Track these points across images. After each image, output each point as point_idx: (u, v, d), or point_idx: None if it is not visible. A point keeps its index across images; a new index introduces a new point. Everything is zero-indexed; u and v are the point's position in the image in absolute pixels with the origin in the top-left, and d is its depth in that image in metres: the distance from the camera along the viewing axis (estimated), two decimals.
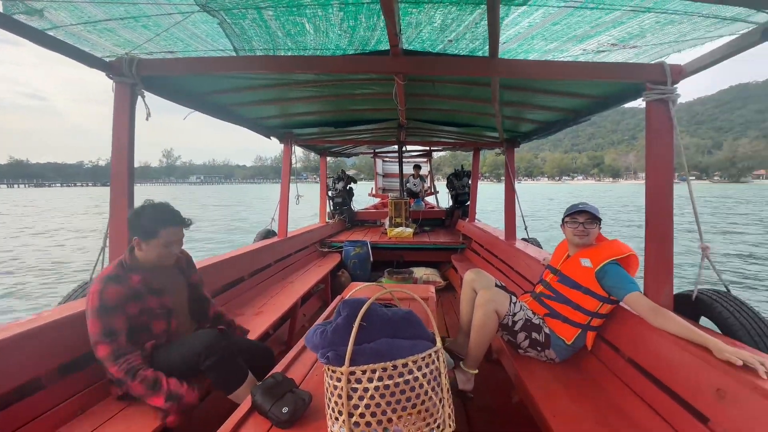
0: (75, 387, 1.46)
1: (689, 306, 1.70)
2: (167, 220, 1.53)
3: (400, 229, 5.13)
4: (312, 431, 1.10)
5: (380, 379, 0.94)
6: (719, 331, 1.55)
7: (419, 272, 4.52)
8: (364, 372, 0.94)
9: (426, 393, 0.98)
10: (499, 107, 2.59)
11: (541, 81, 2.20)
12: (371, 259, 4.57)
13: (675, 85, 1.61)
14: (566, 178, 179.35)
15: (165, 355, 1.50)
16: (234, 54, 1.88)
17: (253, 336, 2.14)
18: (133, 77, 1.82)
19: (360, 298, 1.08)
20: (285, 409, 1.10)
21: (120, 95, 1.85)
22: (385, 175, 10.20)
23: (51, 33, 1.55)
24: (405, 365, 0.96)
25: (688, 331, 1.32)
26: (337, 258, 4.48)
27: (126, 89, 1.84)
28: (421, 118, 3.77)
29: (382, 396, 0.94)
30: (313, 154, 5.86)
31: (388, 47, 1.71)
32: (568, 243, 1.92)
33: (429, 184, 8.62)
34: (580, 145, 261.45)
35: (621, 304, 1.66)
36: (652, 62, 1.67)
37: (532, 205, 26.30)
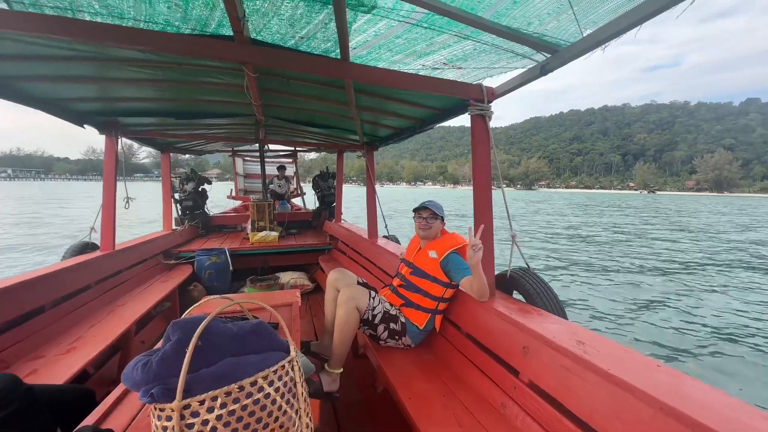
0: None
1: (505, 282, 2.10)
2: None
3: (264, 233, 4.81)
4: None
5: (223, 405, 0.82)
6: (524, 300, 1.96)
7: (286, 277, 4.33)
8: (201, 402, 0.80)
9: (280, 408, 0.91)
10: (356, 111, 2.68)
11: (391, 89, 2.37)
12: (231, 268, 4.14)
13: (490, 104, 1.97)
14: (420, 183, 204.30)
15: None
16: (5, 6, 1.38)
17: (63, 380, 1.65)
18: None
19: (198, 316, 0.93)
20: None
21: None
22: (246, 176, 9.42)
23: None
24: (254, 383, 0.87)
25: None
26: (188, 270, 3.88)
27: None
28: (281, 116, 3.60)
29: (227, 425, 0.82)
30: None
31: (231, 33, 1.55)
32: (418, 236, 2.14)
33: (295, 186, 8.37)
34: (432, 155, 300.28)
35: (459, 287, 1.93)
36: (474, 83, 1.99)
37: (403, 204, 28.90)
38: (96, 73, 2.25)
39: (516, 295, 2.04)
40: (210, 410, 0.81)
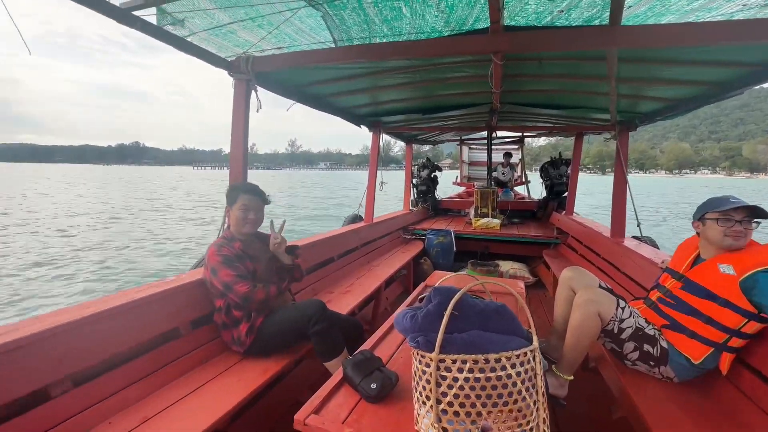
0: (202, 339, 1.75)
1: None
2: (244, 189, 1.84)
3: (486, 219, 4.91)
4: (398, 411, 1.13)
5: (470, 370, 0.92)
6: None
7: (506, 266, 4.29)
8: (454, 361, 0.92)
9: (519, 392, 0.93)
10: (615, 84, 2.26)
11: (680, 49, 1.82)
12: (455, 249, 4.49)
13: None
14: (687, 171, 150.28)
15: (274, 316, 1.71)
16: (333, 46, 1.97)
17: (344, 312, 2.30)
18: (249, 74, 2.04)
19: (451, 287, 1.06)
20: (373, 386, 1.16)
21: (238, 90, 2.10)
22: (471, 163, 9.83)
23: (189, 39, 1.82)
24: (498, 360, 0.92)
25: None
26: (419, 246, 4.50)
27: (243, 85, 2.08)
28: (516, 101, 3.50)
29: (472, 388, 0.91)
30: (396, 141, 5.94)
31: (486, 25, 1.61)
32: (707, 245, 1.59)
33: (520, 174, 8.04)
34: (721, 133, 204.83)
35: None
36: None
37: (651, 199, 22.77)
38: (371, 84, 2.89)
39: None
40: (459, 371, 0.92)
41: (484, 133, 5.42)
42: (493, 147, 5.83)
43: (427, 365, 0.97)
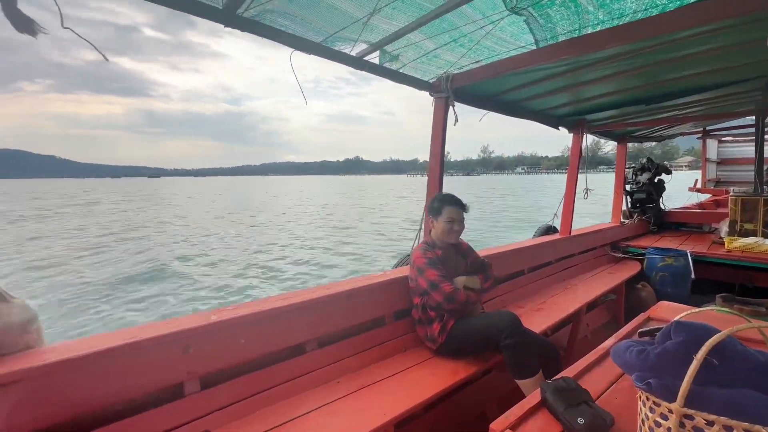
0: (402, 330, 1.98)
1: None
2: (448, 201, 1.94)
3: (751, 240, 3.50)
4: None
5: None
6: None
7: None
8: (710, 423, 0.70)
9: None
10: None
11: None
12: (692, 275, 3.41)
13: None
14: None
15: (466, 321, 1.77)
16: (534, 47, 1.88)
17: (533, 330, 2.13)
18: (447, 91, 2.19)
19: (704, 325, 0.82)
20: (580, 420, 1.02)
21: (438, 108, 2.29)
22: (721, 162, 7.24)
23: (401, 70, 2.13)
24: None
25: None
26: (635, 267, 3.65)
27: (442, 102, 2.26)
28: None
29: None
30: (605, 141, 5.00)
31: None
32: None
33: None
34: None
35: None
36: None
37: None
38: (572, 81, 2.56)
39: None
40: None
41: (746, 120, 3.88)
42: (767, 138, 4.12)
43: (664, 417, 0.78)
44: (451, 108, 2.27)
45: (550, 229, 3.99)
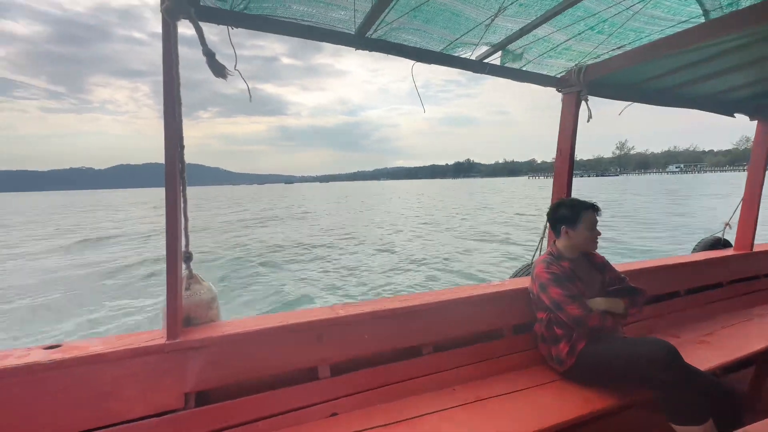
0: (521, 346, 1.84)
1: None
2: (586, 207, 1.71)
3: None
4: None
5: None
6: None
7: None
8: None
9: None
10: None
11: None
12: None
13: None
14: None
15: (603, 345, 1.55)
16: (702, 20, 1.53)
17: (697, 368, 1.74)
18: (579, 84, 1.96)
19: None
20: None
21: (567, 104, 2.07)
22: None
23: (524, 68, 2.00)
24: None
25: None
26: None
27: (572, 97, 2.03)
28: None
29: None
30: None
31: None
32: None
33: None
34: None
35: None
36: None
37: None
38: (753, 56, 1.98)
39: None
40: None
41: None
42: None
43: None
44: (583, 103, 2.03)
45: (717, 243, 3.18)
